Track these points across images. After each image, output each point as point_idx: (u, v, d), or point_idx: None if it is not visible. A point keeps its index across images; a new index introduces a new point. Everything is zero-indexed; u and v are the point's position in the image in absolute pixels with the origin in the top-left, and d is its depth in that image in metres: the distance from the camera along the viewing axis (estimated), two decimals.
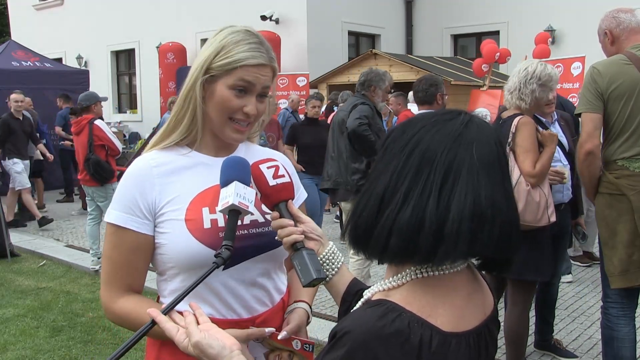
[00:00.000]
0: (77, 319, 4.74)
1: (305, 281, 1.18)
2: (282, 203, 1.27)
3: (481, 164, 0.93)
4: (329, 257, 1.27)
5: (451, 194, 0.91)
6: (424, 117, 1.00)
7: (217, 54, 1.35)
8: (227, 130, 1.39)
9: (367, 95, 4.64)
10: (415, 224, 0.91)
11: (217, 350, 1.04)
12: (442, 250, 0.91)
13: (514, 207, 0.98)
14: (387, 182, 0.95)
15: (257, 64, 1.35)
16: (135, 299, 1.38)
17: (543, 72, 3.05)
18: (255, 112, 1.38)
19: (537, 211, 2.97)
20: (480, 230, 0.92)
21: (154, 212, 1.37)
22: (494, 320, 1.05)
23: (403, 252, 0.93)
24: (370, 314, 0.92)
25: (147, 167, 1.39)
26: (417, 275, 0.96)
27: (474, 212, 0.91)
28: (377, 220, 0.95)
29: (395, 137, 1.00)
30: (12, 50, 11.51)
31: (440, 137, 0.94)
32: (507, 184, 0.98)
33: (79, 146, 6.13)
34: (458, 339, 0.93)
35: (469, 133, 0.95)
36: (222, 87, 1.35)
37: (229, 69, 1.34)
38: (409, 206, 0.92)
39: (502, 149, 0.99)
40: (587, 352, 3.88)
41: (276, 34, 11.54)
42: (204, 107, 1.38)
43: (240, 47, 1.34)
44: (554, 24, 11.70)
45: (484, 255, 1.00)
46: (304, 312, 1.49)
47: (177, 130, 1.41)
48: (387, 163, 0.98)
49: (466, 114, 0.99)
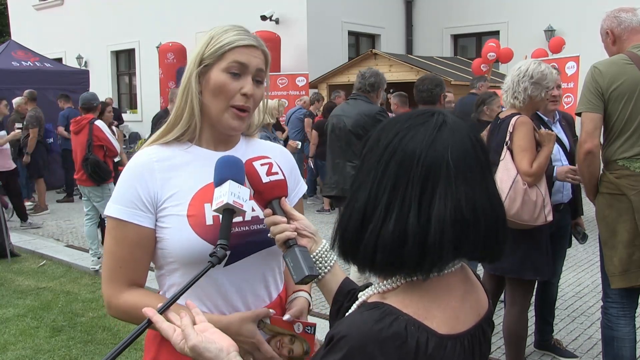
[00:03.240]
0: (77, 319, 4.74)
1: (297, 278, 1.18)
2: (275, 200, 1.27)
3: (458, 168, 0.92)
4: (321, 255, 1.26)
5: (431, 204, 0.91)
6: (398, 120, 0.99)
7: (207, 44, 1.39)
8: (226, 117, 1.39)
9: (372, 97, 4.62)
10: (399, 239, 0.91)
11: (214, 354, 1.03)
12: (428, 261, 0.92)
13: (498, 203, 0.98)
14: (367, 196, 0.95)
15: (247, 44, 1.38)
16: (141, 292, 1.38)
17: (536, 70, 3.05)
18: (253, 92, 1.38)
19: (534, 210, 2.98)
20: (465, 236, 0.92)
21: (155, 205, 1.37)
22: (488, 321, 1.06)
23: (390, 266, 0.94)
24: (367, 317, 0.92)
25: (148, 161, 1.39)
26: (411, 278, 0.96)
27: (455, 220, 0.91)
28: (361, 235, 0.95)
29: (371, 146, 1.00)
30: (12, 50, 11.52)
31: (415, 145, 0.93)
32: (488, 182, 0.97)
33: (77, 146, 6.13)
34: (453, 341, 0.94)
35: (443, 137, 0.94)
36: (216, 73, 1.37)
37: (221, 54, 1.37)
38: (391, 220, 0.92)
39: (480, 147, 0.98)
40: (587, 352, 3.88)
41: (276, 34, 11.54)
42: (201, 99, 1.39)
43: (228, 33, 1.39)
44: (554, 24, 11.70)
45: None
46: (305, 300, 1.51)
47: (177, 125, 1.42)
48: (365, 174, 0.98)
49: (439, 114, 0.98)
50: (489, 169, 0.99)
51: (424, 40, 13.98)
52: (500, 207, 0.99)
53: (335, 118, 4.68)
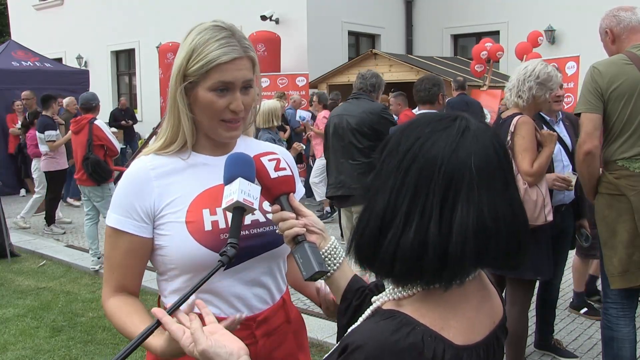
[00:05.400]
0: (77, 319, 4.74)
1: (307, 274, 1.15)
2: (284, 196, 1.24)
3: (481, 177, 0.89)
4: (330, 252, 1.24)
5: (452, 213, 0.88)
6: (419, 124, 0.96)
7: (189, 58, 1.33)
8: (219, 131, 1.39)
9: (373, 97, 4.64)
10: (419, 249, 0.88)
11: (224, 358, 1.02)
12: (448, 272, 0.89)
13: (521, 212, 0.95)
14: (386, 202, 0.92)
15: (230, 59, 1.32)
16: (121, 301, 1.38)
17: (542, 71, 3.06)
18: (242, 108, 1.36)
19: (534, 210, 2.98)
20: (486, 247, 0.89)
21: (152, 215, 1.37)
22: (502, 328, 1.03)
23: (409, 276, 0.92)
24: (384, 327, 0.90)
25: (145, 170, 1.39)
26: (430, 287, 0.94)
27: (477, 230, 0.87)
28: (379, 242, 0.92)
29: (391, 149, 0.96)
30: (12, 50, 11.52)
31: (436, 152, 0.90)
32: (511, 190, 0.94)
33: (77, 145, 6.14)
34: (469, 352, 0.92)
35: (466, 144, 0.90)
36: (203, 92, 1.33)
37: (204, 72, 1.32)
38: (411, 230, 0.88)
39: (503, 153, 0.95)
40: (587, 352, 3.87)
41: (276, 34, 11.55)
42: (191, 115, 1.37)
43: (210, 46, 1.31)
44: (554, 24, 11.70)
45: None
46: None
47: (175, 142, 1.40)
48: (384, 180, 0.94)
49: (462, 119, 0.94)
50: (513, 177, 0.96)
51: (424, 40, 13.98)
52: (523, 216, 0.95)
53: (337, 118, 4.65)
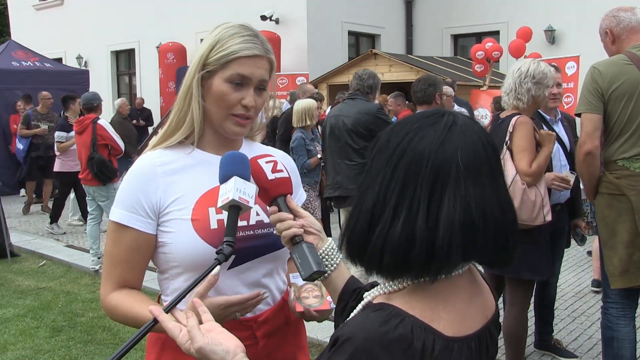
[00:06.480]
0: (77, 319, 4.74)
1: (306, 274, 1.17)
2: (281, 197, 1.26)
3: (467, 171, 0.90)
4: (327, 253, 1.25)
5: (439, 207, 0.89)
6: (409, 121, 0.98)
7: (212, 48, 1.36)
8: (227, 123, 1.39)
9: (370, 98, 4.64)
10: (406, 242, 0.90)
11: (220, 356, 1.02)
12: (435, 265, 0.91)
13: (509, 208, 0.96)
14: (375, 197, 0.94)
15: (251, 55, 1.35)
16: (125, 292, 1.38)
17: (537, 70, 3.06)
18: (254, 104, 1.37)
19: (533, 210, 2.98)
20: (473, 241, 0.90)
21: (157, 211, 1.37)
22: (495, 323, 1.04)
23: (397, 269, 0.93)
24: (373, 319, 0.91)
25: (151, 166, 1.39)
26: (418, 280, 0.95)
27: (464, 223, 0.89)
28: (369, 237, 0.94)
29: (381, 146, 0.98)
30: (12, 50, 11.52)
31: (424, 146, 0.92)
32: (499, 184, 0.95)
33: (82, 145, 6.14)
34: (460, 343, 0.93)
35: (453, 138, 0.92)
36: (218, 82, 1.35)
37: (224, 62, 1.34)
38: (399, 223, 0.90)
39: (491, 149, 0.96)
40: (587, 352, 3.88)
41: (276, 34, 11.54)
42: (203, 103, 1.38)
43: (234, 40, 1.35)
44: (554, 24, 11.70)
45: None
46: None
47: (180, 130, 1.41)
48: (374, 176, 0.96)
49: (449, 114, 0.96)
50: (500, 172, 0.97)
51: (424, 40, 13.97)
52: (511, 211, 0.96)
53: (333, 118, 4.68)
